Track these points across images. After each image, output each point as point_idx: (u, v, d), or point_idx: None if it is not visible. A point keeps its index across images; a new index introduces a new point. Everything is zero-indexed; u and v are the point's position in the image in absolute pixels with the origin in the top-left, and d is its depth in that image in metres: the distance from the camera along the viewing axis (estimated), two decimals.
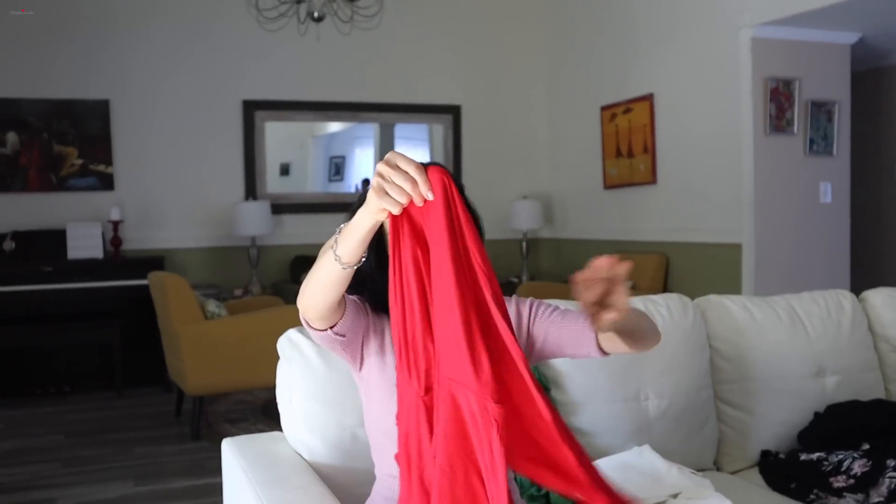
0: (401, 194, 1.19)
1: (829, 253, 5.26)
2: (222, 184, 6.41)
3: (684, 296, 2.45)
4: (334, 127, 7.12)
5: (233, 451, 2.02)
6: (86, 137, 5.98)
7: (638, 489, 1.96)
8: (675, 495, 1.96)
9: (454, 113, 7.07)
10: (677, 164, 5.73)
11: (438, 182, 1.24)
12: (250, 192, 6.49)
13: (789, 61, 5.07)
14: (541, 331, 1.64)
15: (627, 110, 6.15)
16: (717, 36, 5.26)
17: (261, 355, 3.71)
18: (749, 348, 2.43)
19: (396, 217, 1.26)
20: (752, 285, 5.03)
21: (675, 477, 2.03)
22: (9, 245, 5.53)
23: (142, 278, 5.35)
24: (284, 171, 6.85)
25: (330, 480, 1.86)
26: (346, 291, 1.61)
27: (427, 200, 1.21)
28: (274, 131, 6.65)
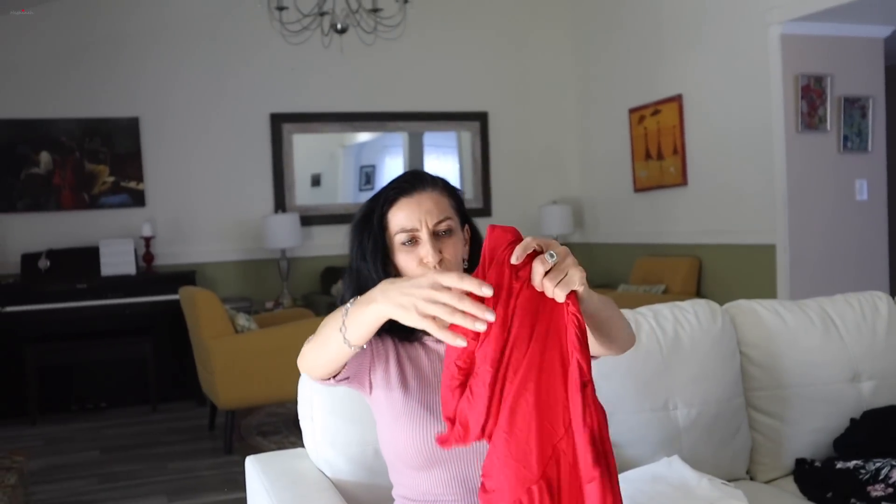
0: (454, 315, 1.11)
1: (867, 252, 5.15)
2: (251, 197, 6.45)
3: (713, 301, 2.40)
4: (363, 136, 7.14)
5: (256, 469, 2.01)
6: (117, 155, 6.06)
7: (668, 502, 1.92)
8: None
9: (481, 120, 7.05)
10: (708, 165, 5.65)
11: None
12: (279, 204, 6.52)
13: (820, 57, 4.97)
14: None
15: (656, 112, 6.08)
16: (745, 34, 5.19)
17: (291, 368, 3.67)
18: (781, 354, 2.37)
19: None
20: (787, 287, 4.93)
21: (706, 489, 1.98)
22: (43, 263, 5.60)
23: (174, 293, 5.40)
24: (315, 181, 6.87)
25: (352, 498, 1.84)
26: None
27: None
28: (304, 143, 6.68)
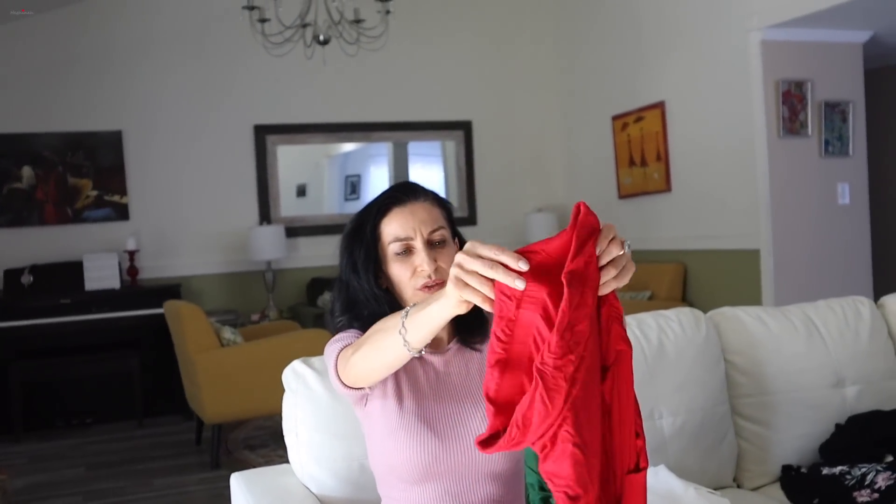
0: (483, 284, 1.06)
1: (850, 255, 5.18)
2: (236, 209, 6.42)
3: (696, 309, 2.41)
4: (348, 146, 7.13)
5: (241, 486, 2.00)
6: (100, 169, 6.02)
7: None
8: None
9: (465, 129, 7.05)
10: (691, 170, 5.67)
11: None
12: (264, 216, 6.50)
13: (800, 63, 5.01)
14: None
15: (639, 119, 6.10)
16: (726, 40, 5.22)
17: (278, 381, 3.66)
18: (765, 361, 2.38)
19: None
20: (771, 291, 4.95)
21: (693, 498, 1.98)
22: (27, 279, 5.56)
23: (159, 307, 5.36)
24: (301, 192, 6.86)
25: None
26: (344, 317, 1.59)
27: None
28: (288, 153, 6.67)
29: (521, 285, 1.04)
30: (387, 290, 1.55)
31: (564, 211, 7.19)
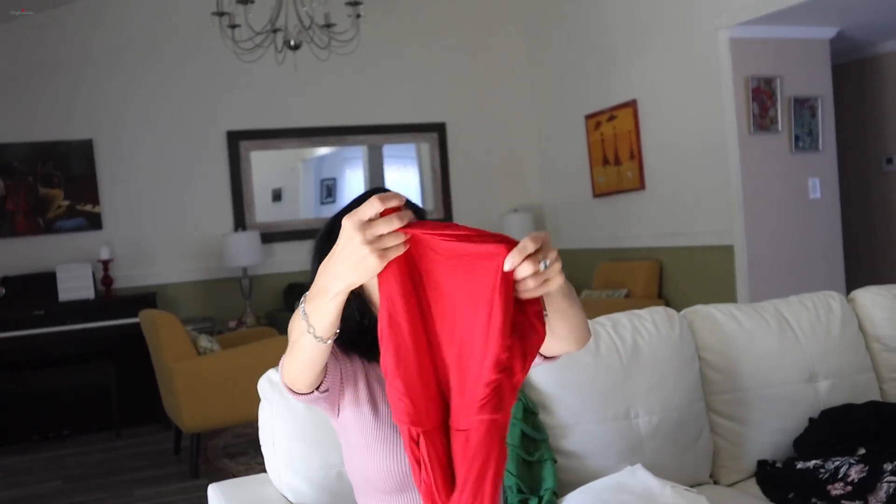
0: (395, 237, 1.09)
1: (823, 248, 5.23)
2: (211, 216, 6.39)
3: (670, 308, 2.42)
4: (323, 150, 7.11)
5: (218, 497, 1.99)
6: (71, 178, 5.97)
7: None
8: None
9: (439, 130, 7.06)
10: (664, 168, 5.71)
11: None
12: (239, 222, 6.47)
13: (769, 59, 5.06)
14: None
15: (612, 118, 6.14)
16: (695, 38, 5.26)
17: (255, 389, 3.67)
18: (739, 357, 2.40)
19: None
20: (746, 287, 5.00)
21: (669, 496, 1.99)
22: None
23: (135, 316, 5.32)
24: (276, 196, 6.83)
25: None
26: None
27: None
28: (263, 157, 6.64)
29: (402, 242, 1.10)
30: (358, 295, 1.55)
31: (540, 210, 7.21)
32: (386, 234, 1.09)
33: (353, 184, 7.25)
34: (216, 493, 2.01)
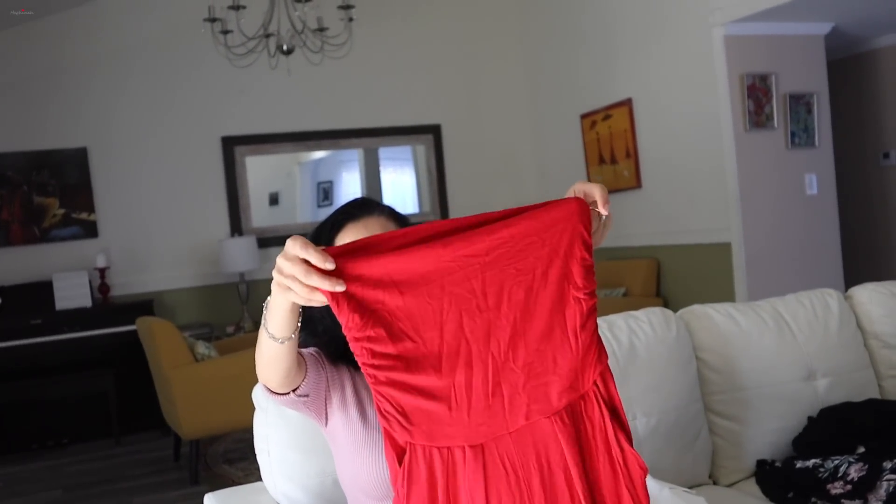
0: (302, 288, 1.10)
1: (820, 245, 5.22)
2: (207, 222, 6.37)
3: (667, 309, 2.41)
4: (319, 153, 7.10)
5: None
6: (66, 186, 5.95)
7: None
8: None
9: (434, 132, 7.05)
10: (661, 166, 5.70)
11: None
12: (235, 227, 6.46)
13: (764, 56, 5.05)
14: None
15: (607, 117, 6.13)
16: (689, 36, 5.25)
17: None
18: (737, 357, 2.39)
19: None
20: (744, 284, 4.99)
21: (668, 498, 1.98)
22: None
23: (132, 324, 5.31)
24: (273, 200, 6.82)
25: None
26: (301, 340, 1.57)
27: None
28: (258, 162, 6.63)
29: (341, 288, 1.09)
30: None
31: None
32: (294, 278, 1.10)
33: (350, 186, 7.24)
34: (213, 503, 2.00)
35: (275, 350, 1.27)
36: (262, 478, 2.03)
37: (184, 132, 6.29)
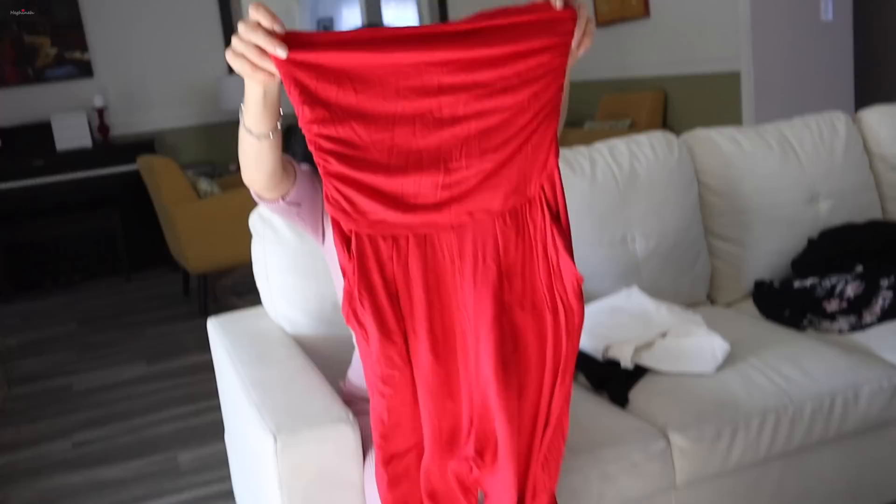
0: (249, 49, 1.07)
1: (832, 73, 5.08)
2: (203, 59, 6.21)
3: (669, 133, 2.37)
4: None
5: (217, 330, 2.02)
6: (57, 25, 5.76)
7: (627, 331, 1.95)
8: (664, 334, 1.95)
9: None
10: None
11: None
12: None
13: None
14: None
15: None
16: None
17: None
18: (739, 180, 2.36)
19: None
20: (752, 114, 4.89)
21: (665, 316, 2.01)
22: None
23: (134, 163, 5.29)
24: None
25: (313, 351, 1.85)
26: (298, 159, 1.55)
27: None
28: None
29: (283, 53, 1.07)
30: None
31: None
32: (249, 44, 1.07)
33: (351, 23, 7.05)
34: (215, 327, 2.04)
35: (255, 148, 1.27)
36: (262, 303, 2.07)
37: None
